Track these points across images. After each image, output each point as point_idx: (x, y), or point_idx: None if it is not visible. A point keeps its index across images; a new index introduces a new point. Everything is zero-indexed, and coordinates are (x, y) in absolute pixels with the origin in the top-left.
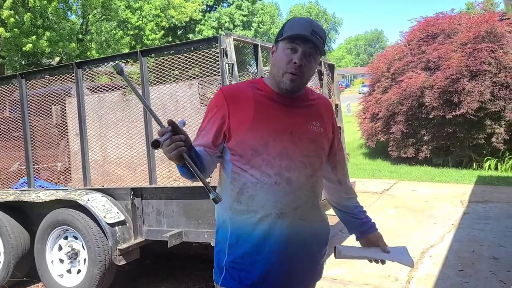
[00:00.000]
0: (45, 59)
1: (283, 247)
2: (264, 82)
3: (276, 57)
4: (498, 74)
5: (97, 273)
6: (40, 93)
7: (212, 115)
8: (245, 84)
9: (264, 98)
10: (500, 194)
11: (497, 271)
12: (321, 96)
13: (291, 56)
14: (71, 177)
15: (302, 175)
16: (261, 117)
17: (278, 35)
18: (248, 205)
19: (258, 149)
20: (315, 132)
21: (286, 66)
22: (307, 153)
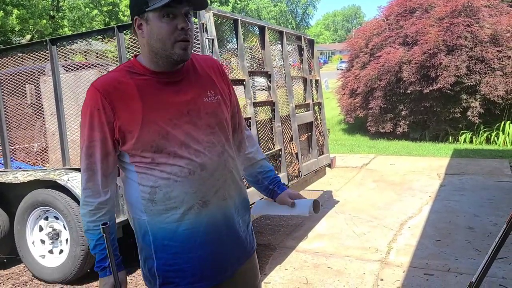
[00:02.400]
0: (16, 37)
1: (214, 234)
2: (140, 64)
3: (154, 30)
4: (474, 48)
5: (80, 252)
6: (13, 72)
7: (96, 121)
8: (119, 72)
9: (148, 82)
10: (475, 166)
11: (473, 240)
12: (204, 57)
13: (173, 23)
14: (48, 157)
15: (214, 155)
16: (151, 107)
17: (138, 3)
18: (165, 203)
19: (159, 144)
20: (212, 104)
21: (172, 35)
22: (210, 130)
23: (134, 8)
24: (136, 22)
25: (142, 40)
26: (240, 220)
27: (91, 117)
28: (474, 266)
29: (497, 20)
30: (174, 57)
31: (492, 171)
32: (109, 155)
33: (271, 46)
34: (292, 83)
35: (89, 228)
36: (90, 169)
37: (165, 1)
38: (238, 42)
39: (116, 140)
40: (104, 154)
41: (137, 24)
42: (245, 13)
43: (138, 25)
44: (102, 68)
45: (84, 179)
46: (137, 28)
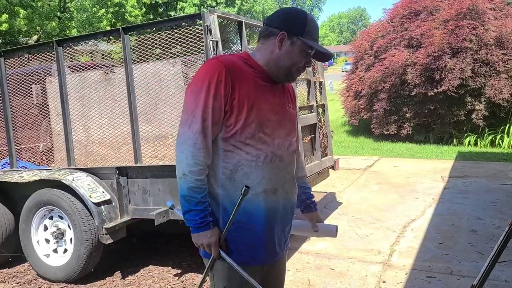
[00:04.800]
0: (22, 38)
1: (271, 220)
2: (254, 60)
3: (291, 54)
4: (479, 51)
5: (84, 252)
6: (20, 73)
7: (213, 91)
8: (237, 58)
9: (257, 77)
10: (479, 169)
11: (475, 243)
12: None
13: (305, 58)
14: (53, 157)
15: (289, 152)
16: (258, 96)
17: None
18: (242, 182)
19: (256, 128)
20: (291, 113)
21: (298, 65)
22: (289, 132)
23: (289, 25)
24: (280, 35)
25: (274, 49)
26: (290, 217)
27: (211, 86)
28: (476, 269)
29: (502, 23)
30: (288, 78)
31: (496, 174)
32: (218, 123)
33: None
34: (296, 85)
35: (195, 186)
36: (204, 133)
37: (317, 47)
38: (242, 44)
39: (225, 111)
40: (215, 121)
41: (280, 37)
42: (250, 15)
43: (281, 38)
44: (108, 69)
45: (199, 140)
46: (278, 40)
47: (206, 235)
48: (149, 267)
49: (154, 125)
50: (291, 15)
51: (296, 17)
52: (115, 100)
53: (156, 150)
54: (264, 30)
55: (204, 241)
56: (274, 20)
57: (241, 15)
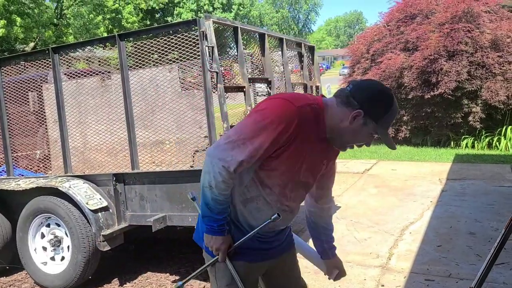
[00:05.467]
0: (19, 45)
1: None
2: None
3: (359, 131)
4: (474, 53)
5: (81, 259)
6: (16, 80)
7: (277, 134)
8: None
9: (317, 135)
10: (477, 171)
11: (474, 245)
12: None
13: (369, 139)
14: (51, 164)
15: (297, 205)
16: (305, 159)
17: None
18: (251, 212)
19: (285, 182)
20: (320, 170)
21: (357, 143)
22: (308, 185)
23: (370, 107)
24: (356, 113)
25: (345, 121)
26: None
27: (275, 131)
28: (475, 271)
29: (497, 26)
30: (341, 148)
31: (494, 176)
32: (261, 158)
33: (271, 53)
34: (293, 89)
35: (220, 199)
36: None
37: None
38: (238, 49)
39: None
40: (260, 156)
41: (355, 114)
42: (247, 20)
43: (356, 115)
44: (104, 76)
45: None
46: (352, 116)
47: (219, 240)
48: (147, 273)
49: (151, 131)
50: (377, 98)
51: (380, 103)
52: (112, 106)
53: (153, 156)
54: (345, 95)
55: (216, 245)
56: (359, 93)
57: (238, 20)
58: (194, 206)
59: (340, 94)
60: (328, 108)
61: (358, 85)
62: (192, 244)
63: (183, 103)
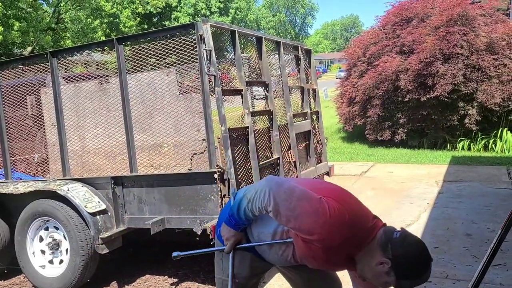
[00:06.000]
0: (17, 49)
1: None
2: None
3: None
4: (470, 56)
5: (80, 262)
6: (14, 84)
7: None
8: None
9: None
10: (473, 173)
11: (470, 246)
12: None
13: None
14: (49, 168)
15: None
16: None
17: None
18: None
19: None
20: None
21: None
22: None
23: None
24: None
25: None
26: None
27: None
28: (472, 272)
29: (492, 29)
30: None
31: (490, 178)
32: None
33: (268, 56)
34: (290, 92)
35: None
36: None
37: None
38: (235, 52)
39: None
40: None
41: (383, 261)
42: (244, 23)
43: (382, 262)
44: (102, 79)
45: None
46: (379, 261)
47: (231, 232)
48: (145, 276)
49: (149, 134)
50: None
51: (413, 267)
52: (110, 110)
53: (151, 159)
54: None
55: (227, 235)
56: (399, 245)
57: (235, 24)
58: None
59: (387, 233)
60: (373, 241)
61: (405, 237)
62: (190, 247)
63: (181, 106)
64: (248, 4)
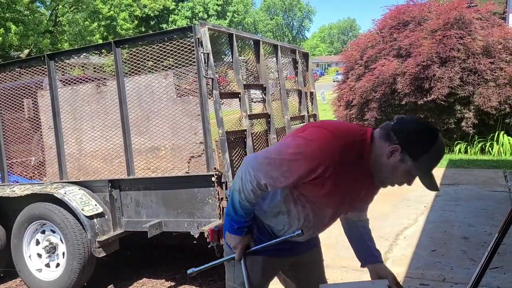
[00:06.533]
0: (14, 52)
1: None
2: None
3: (397, 170)
4: (466, 60)
5: (77, 266)
6: (11, 87)
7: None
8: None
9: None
10: (470, 176)
11: (468, 250)
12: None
13: (408, 178)
14: (46, 171)
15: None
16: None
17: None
18: (279, 224)
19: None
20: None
21: (396, 181)
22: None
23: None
24: (394, 148)
25: (383, 155)
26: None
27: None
28: (469, 276)
29: (488, 32)
30: (381, 185)
31: (487, 181)
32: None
33: (266, 59)
34: (287, 95)
35: (246, 205)
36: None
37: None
38: (233, 55)
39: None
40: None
41: (393, 149)
42: (242, 26)
43: (394, 151)
44: (100, 82)
45: (267, 186)
46: (390, 152)
47: (237, 239)
48: (142, 280)
49: (147, 137)
50: (416, 134)
51: (420, 140)
52: (107, 113)
53: (148, 162)
54: (387, 129)
55: (233, 243)
56: (400, 127)
57: (233, 27)
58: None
59: (384, 127)
60: (374, 141)
61: (401, 119)
62: (187, 250)
63: (178, 109)
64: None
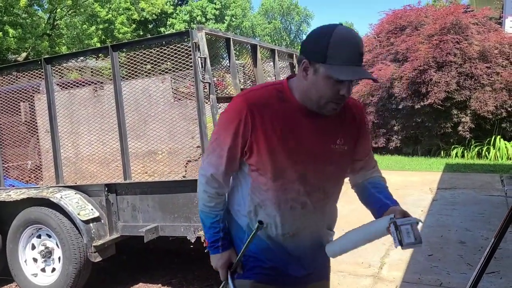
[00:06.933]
0: (11, 55)
1: (292, 254)
2: (290, 91)
3: (317, 84)
4: (463, 64)
5: (72, 270)
6: (8, 90)
7: (233, 130)
8: (270, 91)
9: (293, 113)
10: (467, 180)
11: (464, 254)
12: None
13: (337, 87)
14: (42, 175)
15: (316, 200)
16: (287, 138)
17: (317, 52)
18: (264, 220)
19: (278, 173)
20: (338, 152)
21: (330, 97)
22: (325, 177)
23: (309, 51)
24: (303, 63)
25: (302, 79)
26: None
27: (230, 124)
28: (466, 280)
29: (485, 37)
30: (323, 111)
31: (484, 185)
32: (234, 159)
33: (263, 64)
34: None
35: (205, 211)
36: (216, 166)
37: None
38: (230, 60)
39: (244, 151)
40: (230, 158)
41: (304, 66)
42: (240, 30)
43: (305, 67)
44: (97, 86)
45: (210, 172)
46: (303, 70)
47: (216, 258)
48: (138, 284)
49: (144, 141)
50: (311, 37)
51: (316, 39)
52: (104, 116)
53: (145, 166)
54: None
55: (214, 263)
56: (302, 45)
57: (230, 31)
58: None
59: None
60: (293, 81)
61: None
62: (184, 255)
63: (175, 113)
64: (244, 11)
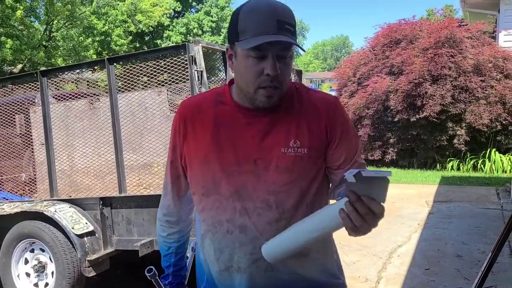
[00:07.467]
0: (7, 67)
1: None
2: (229, 92)
3: (239, 67)
4: (458, 78)
5: (66, 285)
6: (3, 102)
7: (172, 143)
8: (208, 96)
9: (230, 117)
10: (463, 193)
11: (461, 268)
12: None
13: (260, 66)
14: (36, 188)
15: (263, 220)
16: (221, 145)
17: (231, 32)
18: (209, 254)
19: (209, 188)
20: (290, 157)
21: (256, 80)
22: (274, 188)
23: (228, 36)
24: (227, 51)
25: (234, 72)
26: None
27: (171, 136)
28: None
29: (479, 51)
30: (256, 103)
31: (479, 198)
32: (180, 177)
33: None
34: None
35: (159, 241)
36: (164, 187)
37: (252, 43)
38: (227, 72)
39: (183, 165)
40: (175, 175)
41: (228, 54)
42: None
43: (229, 55)
44: (93, 99)
45: (162, 195)
46: (228, 58)
47: None
48: None
49: (140, 153)
50: (230, 21)
51: (230, 21)
52: (100, 129)
53: (141, 178)
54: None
55: None
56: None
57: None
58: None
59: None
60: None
61: None
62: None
63: (171, 125)
64: None
